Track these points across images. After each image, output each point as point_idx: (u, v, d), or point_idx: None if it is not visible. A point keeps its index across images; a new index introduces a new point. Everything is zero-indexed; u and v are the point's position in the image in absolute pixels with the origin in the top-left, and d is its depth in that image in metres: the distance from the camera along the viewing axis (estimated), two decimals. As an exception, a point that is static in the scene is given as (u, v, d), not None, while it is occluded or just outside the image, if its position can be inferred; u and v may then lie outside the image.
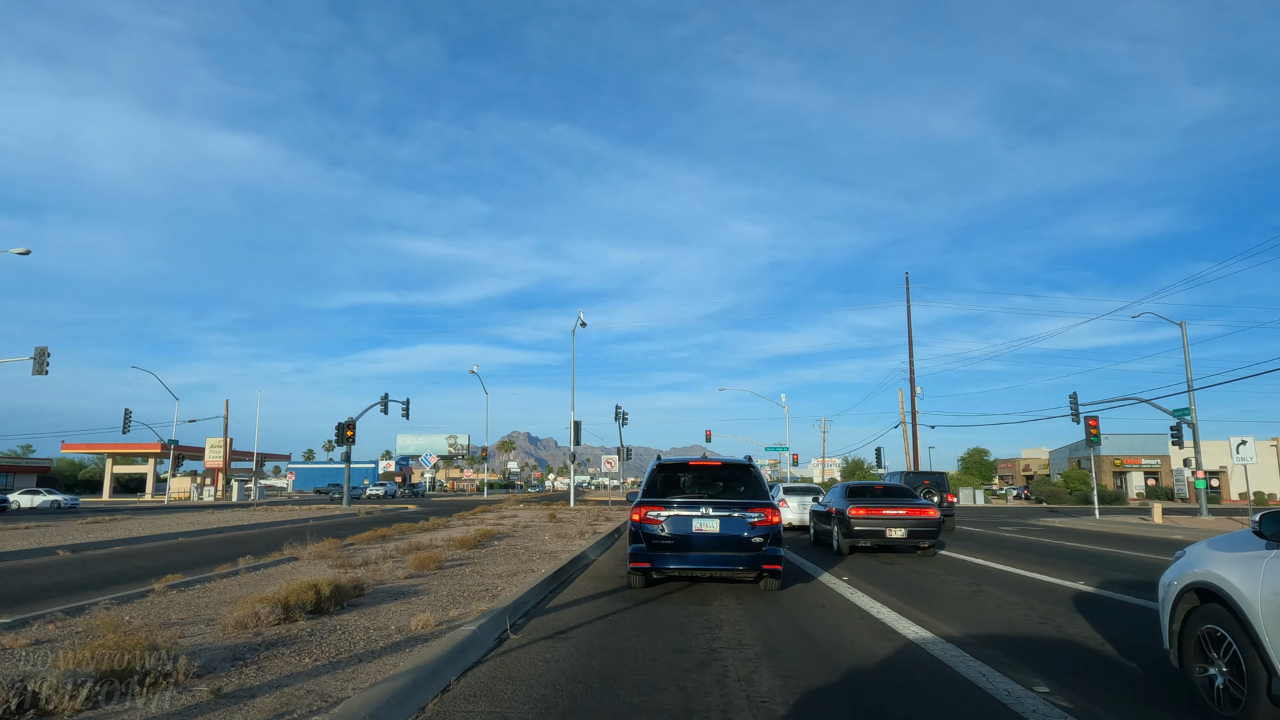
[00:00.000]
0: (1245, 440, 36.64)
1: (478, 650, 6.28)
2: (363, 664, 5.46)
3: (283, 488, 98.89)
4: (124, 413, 56.74)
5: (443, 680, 5.34)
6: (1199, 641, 4.96)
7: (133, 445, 72.52)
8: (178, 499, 67.70)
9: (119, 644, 4.89)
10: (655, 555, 9.86)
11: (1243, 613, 4.45)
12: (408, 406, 48.35)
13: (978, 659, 6.42)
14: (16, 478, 68.53)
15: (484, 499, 64.34)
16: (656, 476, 10.70)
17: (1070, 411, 37.52)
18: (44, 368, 37.67)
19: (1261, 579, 4.38)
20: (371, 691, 4.58)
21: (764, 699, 5.17)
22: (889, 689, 5.55)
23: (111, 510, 41.51)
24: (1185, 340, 36.54)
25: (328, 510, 39.66)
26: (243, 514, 35.66)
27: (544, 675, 5.67)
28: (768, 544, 9.84)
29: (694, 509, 9.94)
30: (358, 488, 76.09)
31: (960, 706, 5.12)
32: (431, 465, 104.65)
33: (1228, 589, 4.63)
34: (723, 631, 7.48)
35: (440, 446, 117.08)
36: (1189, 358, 36.34)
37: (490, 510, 32.48)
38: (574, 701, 5.02)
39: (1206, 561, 5.00)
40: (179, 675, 4.85)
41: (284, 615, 6.91)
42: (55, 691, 4.27)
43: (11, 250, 35.21)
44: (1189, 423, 34.81)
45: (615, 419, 48.29)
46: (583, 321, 42.07)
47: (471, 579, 10.15)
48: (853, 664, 6.25)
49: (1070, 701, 5.23)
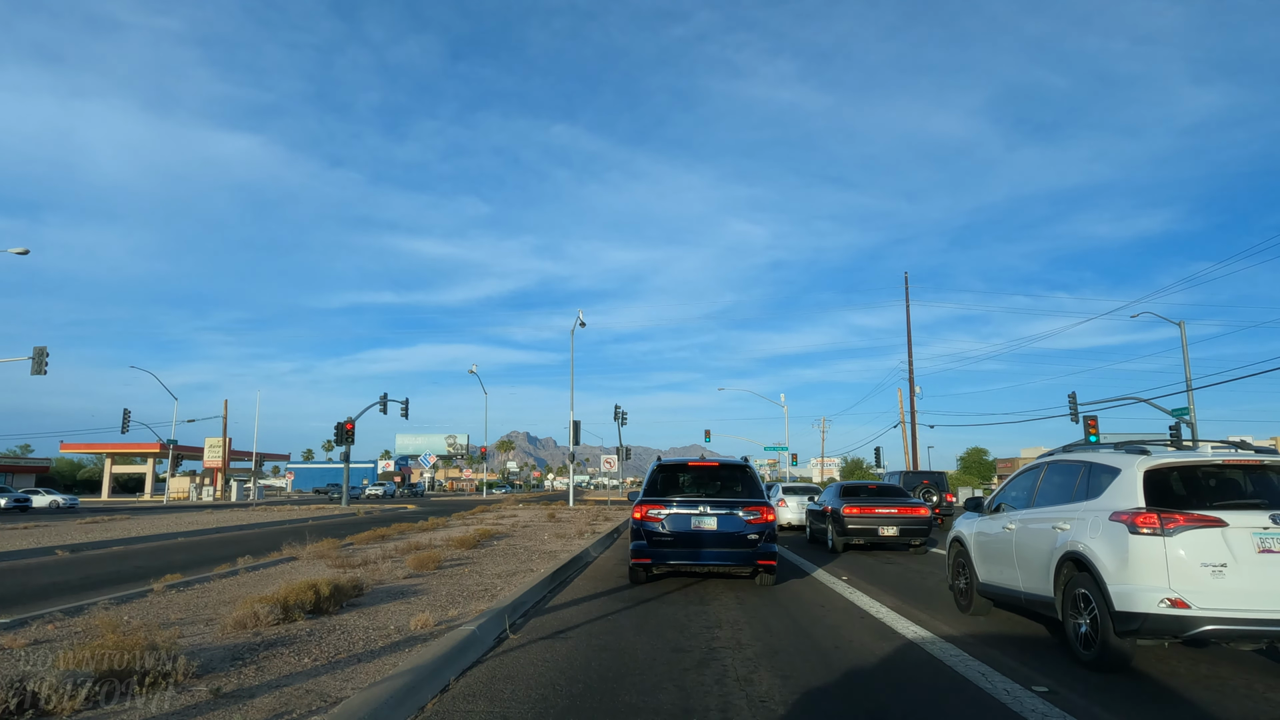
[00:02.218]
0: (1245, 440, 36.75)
1: (477, 650, 6.28)
2: (362, 664, 5.46)
3: (282, 488, 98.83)
4: (123, 413, 56.71)
5: (442, 680, 5.34)
6: (955, 563, 9.18)
7: (132, 445, 72.42)
8: (176, 499, 67.64)
9: (118, 644, 4.89)
10: (656, 551, 10.30)
11: (967, 546, 8.83)
12: (407, 406, 48.34)
13: (977, 659, 6.42)
14: (15, 478, 68.42)
15: (483, 499, 64.31)
16: (657, 476, 11.10)
17: (1069, 411, 37.51)
18: (43, 368, 37.63)
19: (974, 529, 8.79)
20: (371, 691, 4.58)
21: (763, 699, 5.17)
22: (888, 689, 5.56)
23: (110, 510, 41.46)
24: (1184, 340, 36.56)
25: (327, 510, 39.64)
26: (242, 514, 35.64)
27: (543, 675, 5.67)
28: (763, 541, 10.27)
29: (693, 507, 10.36)
30: (357, 488, 76.03)
31: (960, 706, 5.12)
32: (430, 465, 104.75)
33: (961, 536, 9.06)
34: (722, 631, 7.48)
35: (439, 446, 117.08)
36: (1188, 357, 36.36)
37: (489, 510, 32.47)
38: (573, 701, 5.02)
39: (957, 525, 9.32)
40: (178, 675, 4.85)
41: (283, 615, 6.91)
42: (54, 691, 4.26)
43: (10, 250, 35.17)
44: (1188, 422, 34.82)
45: (614, 419, 48.30)
46: (582, 321, 42.07)
47: (470, 579, 10.15)
48: (852, 664, 6.25)
49: (1070, 701, 5.24)
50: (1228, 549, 5.64)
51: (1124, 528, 5.95)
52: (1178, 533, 5.73)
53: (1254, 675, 6.07)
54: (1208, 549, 5.65)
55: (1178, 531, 5.73)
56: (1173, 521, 5.77)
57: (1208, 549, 5.65)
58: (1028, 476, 8.18)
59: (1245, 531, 5.66)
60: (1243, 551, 5.62)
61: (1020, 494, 8.08)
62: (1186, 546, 5.68)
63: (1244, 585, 5.55)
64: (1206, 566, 5.61)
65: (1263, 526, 5.67)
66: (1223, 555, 5.62)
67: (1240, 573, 5.57)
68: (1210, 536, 5.68)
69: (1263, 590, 5.53)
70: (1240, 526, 5.68)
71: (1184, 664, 6.43)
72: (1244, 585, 5.55)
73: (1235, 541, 5.65)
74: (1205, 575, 5.60)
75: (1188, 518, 5.76)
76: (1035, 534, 7.26)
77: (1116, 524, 6.05)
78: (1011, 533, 7.75)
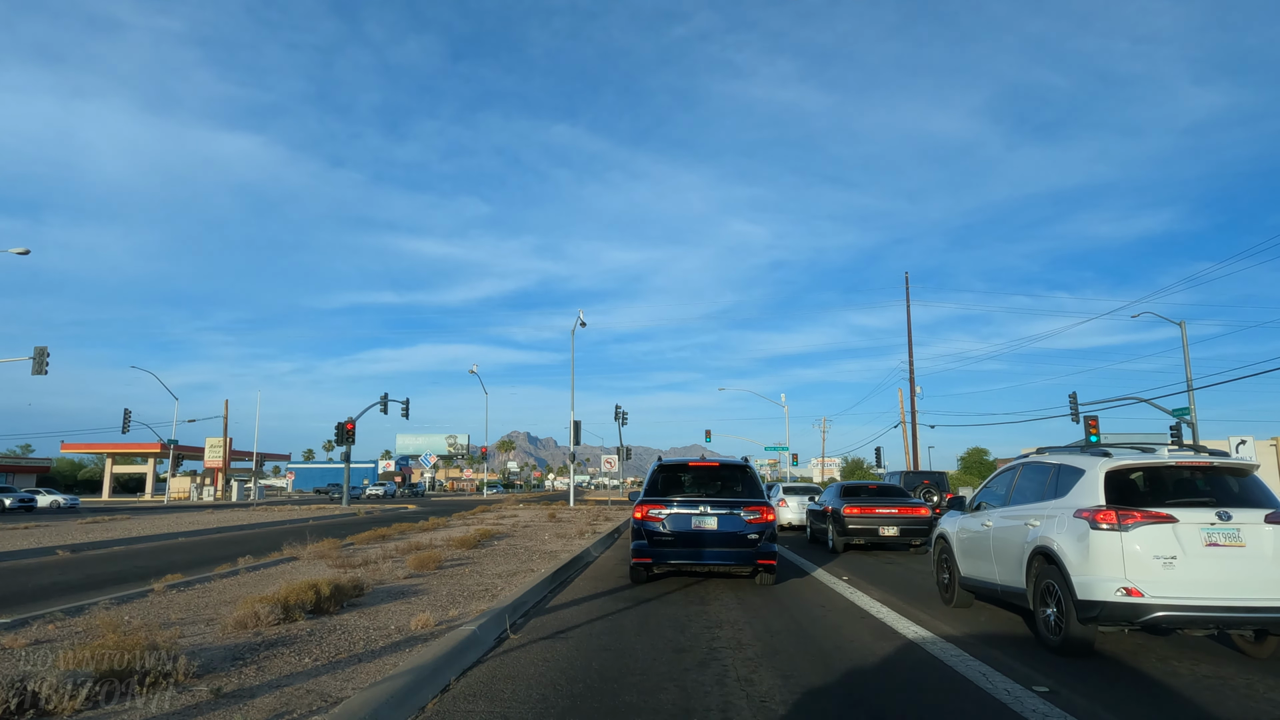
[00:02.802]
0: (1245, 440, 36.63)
1: (477, 650, 6.28)
2: (362, 664, 5.46)
3: (282, 487, 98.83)
4: (124, 413, 56.68)
5: (442, 680, 5.34)
6: (940, 559, 9.72)
7: (132, 445, 72.43)
8: (177, 499, 67.66)
9: (119, 644, 4.89)
10: (657, 551, 10.33)
11: (950, 543, 9.38)
12: (407, 406, 48.33)
13: (978, 659, 6.42)
14: (16, 478, 68.43)
15: (484, 499, 64.32)
16: (658, 476, 11.12)
17: (1070, 411, 37.46)
18: (43, 367, 37.64)
19: (956, 526, 9.33)
20: (371, 691, 4.58)
21: (764, 699, 5.17)
22: (889, 689, 5.56)
23: (111, 510, 41.47)
24: (1185, 340, 36.54)
25: (327, 510, 39.64)
26: (242, 514, 35.65)
27: (544, 675, 5.67)
28: (763, 540, 10.31)
29: (693, 507, 10.40)
30: (357, 488, 76.03)
31: (961, 706, 5.12)
32: (431, 465, 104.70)
33: (945, 533, 9.61)
34: (722, 631, 7.48)
35: (440, 446, 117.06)
36: (1188, 357, 36.34)
37: (490, 510, 32.47)
38: (574, 701, 5.02)
39: (942, 523, 9.90)
40: (179, 675, 4.85)
41: (284, 615, 6.91)
42: (55, 691, 4.26)
43: (11, 250, 35.18)
44: (1189, 422, 34.80)
45: (615, 419, 48.30)
46: (582, 321, 42.07)
47: (471, 579, 10.15)
48: (853, 664, 6.25)
49: (1071, 701, 5.23)
50: (1178, 543, 6.22)
51: (1086, 524, 6.53)
52: (1133, 528, 6.31)
53: (1255, 675, 6.07)
54: (1160, 543, 6.24)
55: (1133, 527, 6.32)
56: (1129, 518, 6.36)
57: (1160, 543, 6.24)
58: (1005, 477, 8.69)
59: (1194, 527, 6.25)
60: (1191, 545, 6.20)
61: (998, 493, 8.64)
62: (1141, 541, 6.27)
63: (1192, 576, 6.13)
64: (1158, 559, 6.19)
65: (1209, 522, 6.25)
66: (1173, 548, 6.20)
67: (1189, 564, 6.15)
68: (1162, 531, 6.26)
69: (1209, 580, 6.11)
70: (1189, 522, 6.26)
71: (1185, 664, 6.43)
72: (1192, 576, 6.13)
73: (1185, 536, 6.23)
74: (1157, 567, 6.18)
75: (1144, 514, 6.35)
76: (1010, 530, 7.83)
77: (1080, 520, 6.62)
78: (989, 529, 8.33)
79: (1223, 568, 6.14)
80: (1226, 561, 6.16)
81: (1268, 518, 6.29)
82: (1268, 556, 6.16)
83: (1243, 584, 6.10)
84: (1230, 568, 6.15)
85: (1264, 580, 6.11)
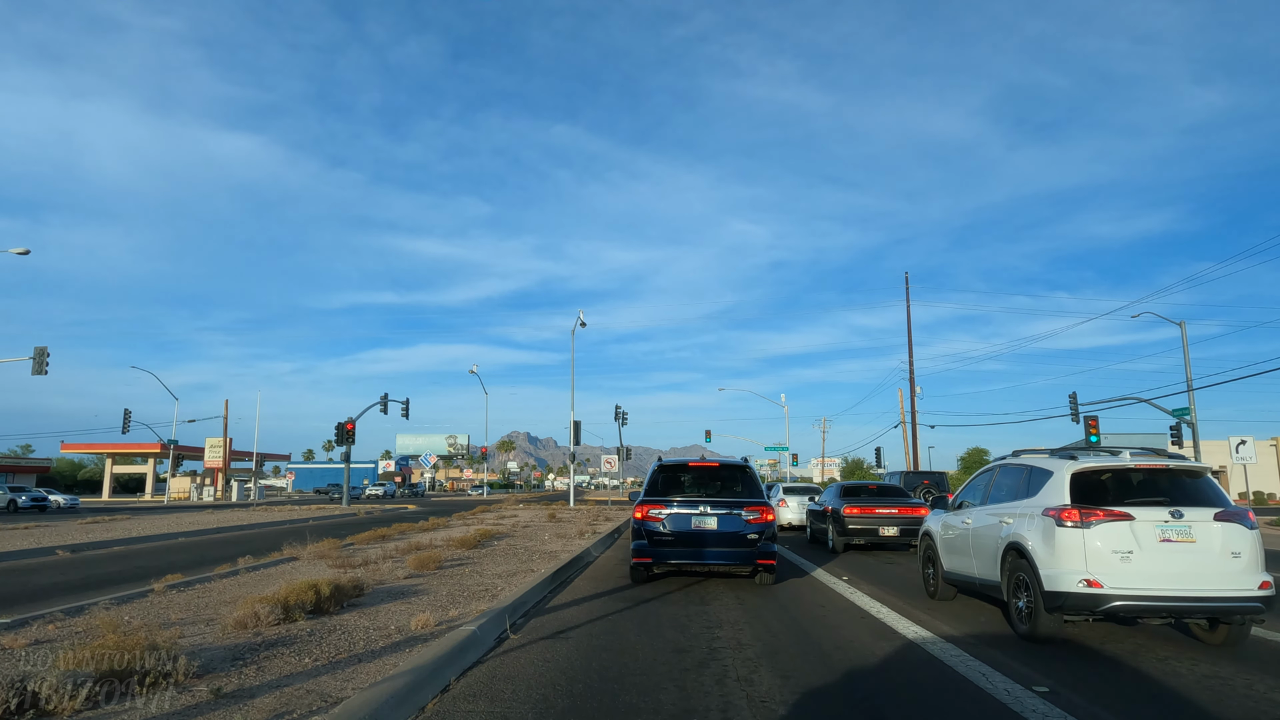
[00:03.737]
0: (1245, 440, 36.67)
1: (477, 650, 6.28)
2: (362, 664, 5.46)
3: (282, 488, 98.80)
4: (124, 413, 56.65)
5: (442, 680, 5.34)
6: (925, 555, 10.28)
7: (132, 445, 72.38)
8: (177, 499, 67.64)
9: (118, 644, 4.88)
10: (657, 550, 10.38)
11: (934, 540, 9.93)
12: (407, 406, 48.33)
13: (978, 659, 6.42)
14: (16, 478, 68.40)
15: (484, 499, 64.30)
16: (658, 476, 11.16)
17: (1070, 411, 37.46)
18: (43, 368, 37.63)
19: (939, 524, 9.87)
20: (371, 691, 4.57)
21: (764, 699, 5.17)
22: (889, 689, 5.55)
23: (111, 510, 41.45)
24: (1185, 340, 36.53)
25: (327, 510, 39.63)
26: (242, 514, 35.64)
27: (544, 675, 5.67)
28: (762, 540, 10.36)
29: (693, 507, 10.45)
30: (357, 488, 76.01)
31: (961, 706, 5.12)
32: (431, 465, 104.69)
33: (930, 530, 10.18)
34: (722, 631, 7.48)
35: (440, 446, 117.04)
36: (1189, 357, 36.33)
37: (490, 510, 32.46)
38: (574, 701, 5.02)
39: (927, 521, 10.47)
40: (179, 675, 4.85)
41: (283, 615, 6.90)
42: (55, 691, 4.26)
43: (11, 250, 35.17)
44: (1189, 423, 34.80)
45: (615, 419, 48.28)
46: (582, 321, 42.06)
47: (471, 579, 10.15)
48: (852, 664, 6.25)
49: (1071, 702, 5.23)
50: (1134, 539, 6.82)
51: (1053, 521, 7.14)
52: (1094, 525, 6.91)
53: (1255, 676, 6.07)
54: (1118, 539, 6.83)
55: (1095, 524, 6.91)
56: (1091, 516, 6.95)
57: (1118, 539, 6.83)
58: (984, 477, 9.32)
59: (1149, 524, 6.84)
60: (1146, 541, 6.80)
61: (977, 493, 9.24)
62: (1101, 537, 6.86)
63: (1147, 569, 6.72)
64: (1116, 553, 6.79)
65: (1163, 520, 6.84)
66: (1130, 544, 6.81)
67: (1144, 558, 6.75)
68: (1120, 528, 6.86)
69: (1162, 573, 6.70)
70: (1145, 520, 6.86)
71: (1185, 664, 6.44)
72: (1147, 569, 6.72)
73: (1141, 533, 6.83)
74: (1115, 560, 6.77)
75: (1105, 513, 6.93)
76: (987, 527, 8.43)
77: (1048, 518, 7.22)
78: (969, 527, 8.94)
79: (1175, 561, 6.72)
80: (1178, 556, 6.74)
81: (1216, 516, 6.86)
82: (1215, 551, 6.75)
83: (1193, 576, 6.68)
84: (1182, 561, 6.73)
85: (1212, 573, 6.70)
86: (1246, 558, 6.76)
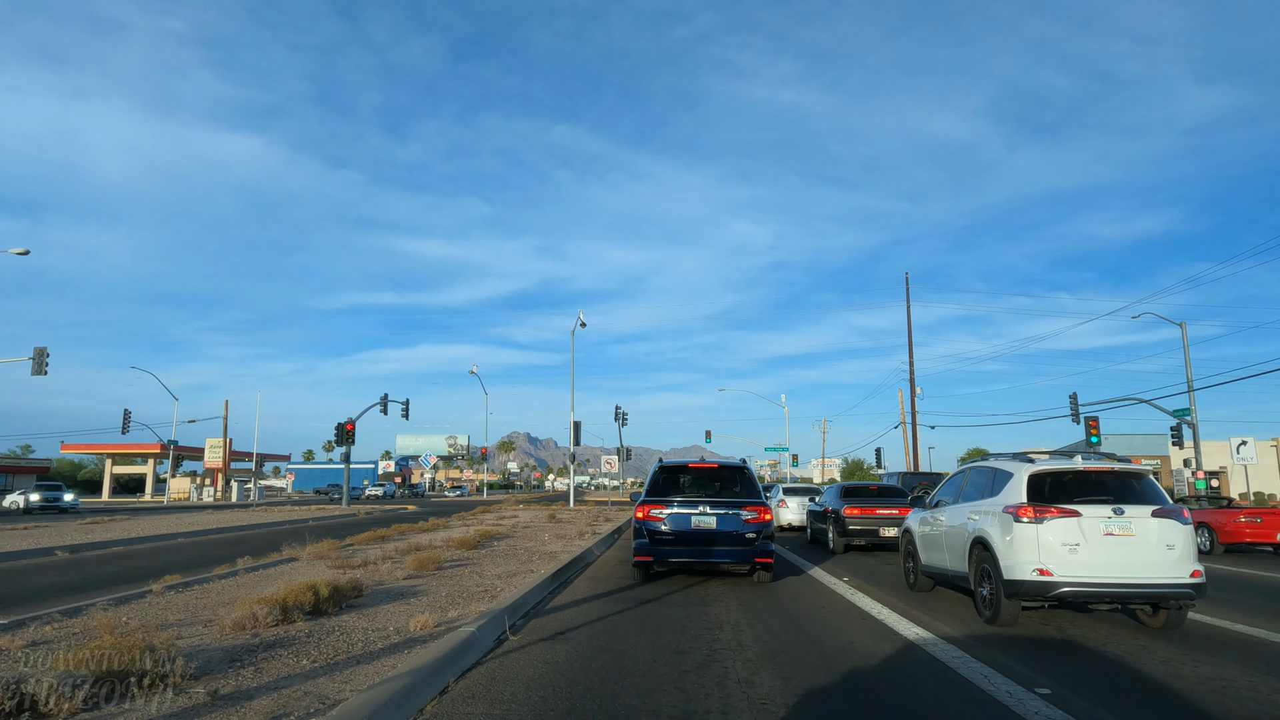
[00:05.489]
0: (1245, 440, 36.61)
1: (476, 652, 6.25)
2: (361, 665, 5.44)
3: (282, 488, 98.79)
4: (124, 413, 56.54)
5: (441, 682, 5.32)
6: (905, 550, 11.16)
7: (132, 446, 72.31)
8: (177, 499, 67.60)
9: (116, 645, 4.86)
10: (658, 549, 10.61)
11: (913, 536, 10.81)
12: (407, 407, 48.30)
13: (979, 660, 6.40)
14: (16, 478, 68.35)
15: (484, 499, 64.27)
16: (659, 477, 11.35)
17: (1070, 412, 37.43)
18: (43, 368, 37.59)
19: (918, 521, 10.76)
20: (369, 693, 4.55)
21: (764, 701, 5.14)
22: (890, 691, 5.53)
23: (110, 511, 41.40)
24: (1185, 340, 36.50)
25: (327, 511, 39.59)
26: (242, 514, 35.59)
27: (543, 677, 5.65)
28: (760, 539, 10.60)
29: (693, 507, 10.68)
30: (357, 488, 75.96)
31: (962, 708, 5.09)
32: (431, 466, 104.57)
33: (910, 528, 11.08)
34: (723, 633, 7.45)
35: (440, 447, 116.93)
36: (1189, 358, 36.29)
37: (490, 511, 32.44)
38: (573, 703, 5.00)
39: (908, 519, 11.35)
40: (176, 677, 4.82)
41: (282, 616, 6.88)
42: (52, 693, 4.24)
43: (11, 250, 35.15)
44: (1189, 423, 34.77)
45: (615, 419, 48.26)
46: (583, 322, 42.04)
47: (470, 580, 10.13)
48: (853, 665, 6.23)
49: (1072, 703, 5.21)
50: (1081, 533, 7.68)
51: (1011, 517, 8.00)
52: (1047, 521, 7.77)
53: (1258, 677, 6.04)
54: (1067, 533, 7.69)
55: (1047, 520, 7.77)
56: (1045, 512, 7.81)
57: (1067, 533, 7.69)
58: (957, 478, 10.13)
59: (1095, 520, 7.71)
60: (1092, 534, 7.67)
61: (952, 492, 10.02)
62: (1052, 531, 7.72)
63: (1092, 559, 7.59)
64: (1065, 545, 7.65)
65: (1106, 516, 7.71)
66: (1077, 537, 7.67)
67: (1090, 550, 7.62)
68: (1069, 523, 7.73)
69: (1105, 563, 7.58)
70: (1091, 516, 7.72)
71: (1188, 666, 6.41)
72: (1092, 559, 7.59)
73: (1087, 527, 7.69)
74: (1064, 552, 7.63)
75: (1056, 510, 7.80)
76: (957, 524, 9.30)
77: (1007, 515, 8.09)
78: (942, 524, 9.81)
79: (1116, 553, 7.62)
80: (1119, 548, 7.63)
81: (1154, 512, 7.75)
82: (1153, 544, 7.64)
83: (1132, 566, 7.57)
84: (1122, 553, 7.62)
85: (1150, 563, 7.59)
86: (1180, 549, 7.64)
